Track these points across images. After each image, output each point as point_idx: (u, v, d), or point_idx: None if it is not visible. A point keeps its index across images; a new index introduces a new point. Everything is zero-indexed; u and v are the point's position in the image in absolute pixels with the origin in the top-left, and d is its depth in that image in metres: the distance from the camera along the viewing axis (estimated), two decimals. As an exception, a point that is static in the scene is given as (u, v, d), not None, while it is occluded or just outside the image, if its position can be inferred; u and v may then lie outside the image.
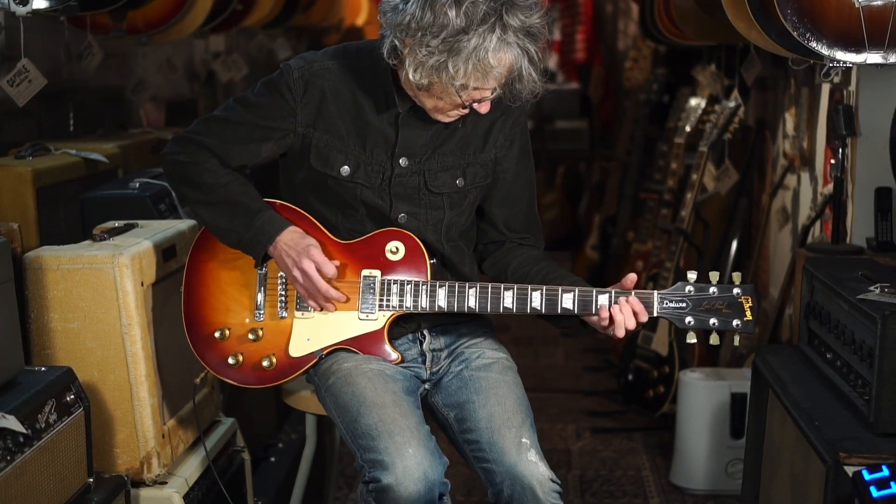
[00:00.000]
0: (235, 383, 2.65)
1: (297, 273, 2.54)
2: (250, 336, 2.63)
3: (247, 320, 2.64)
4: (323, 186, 2.61)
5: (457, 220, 2.67)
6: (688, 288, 2.52)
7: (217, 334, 2.64)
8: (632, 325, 2.49)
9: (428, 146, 2.60)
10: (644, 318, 2.50)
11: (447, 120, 2.53)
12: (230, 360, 2.63)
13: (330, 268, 2.53)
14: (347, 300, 2.59)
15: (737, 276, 2.53)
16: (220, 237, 2.61)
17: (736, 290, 2.51)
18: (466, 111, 2.50)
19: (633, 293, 2.50)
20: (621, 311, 2.48)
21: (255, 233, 2.55)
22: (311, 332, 2.61)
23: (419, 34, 2.36)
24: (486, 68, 2.36)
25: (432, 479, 2.37)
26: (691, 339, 2.54)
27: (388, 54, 2.45)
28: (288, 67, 2.59)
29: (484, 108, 2.49)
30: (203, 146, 2.58)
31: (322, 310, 2.59)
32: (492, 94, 2.45)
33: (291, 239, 2.55)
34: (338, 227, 2.63)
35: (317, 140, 2.58)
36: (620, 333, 2.50)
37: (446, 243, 2.66)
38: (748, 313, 2.50)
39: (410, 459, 2.36)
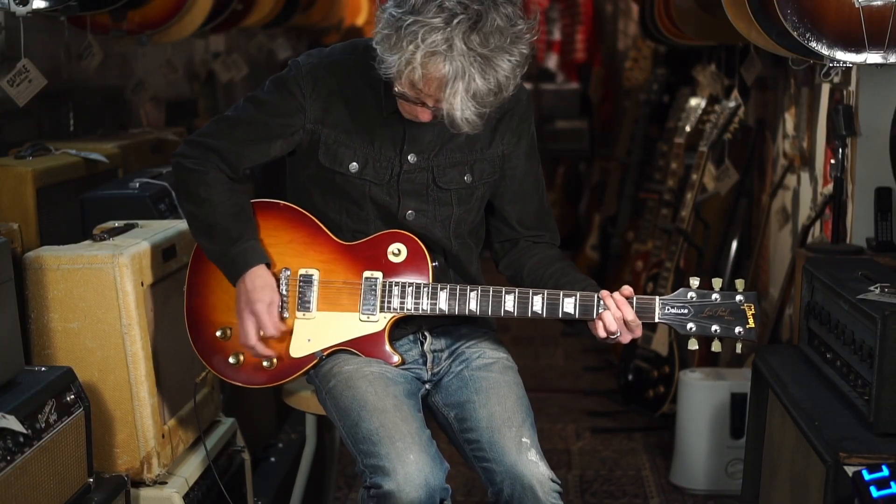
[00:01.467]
0: (236, 383, 2.65)
1: (240, 313, 2.55)
2: (251, 336, 2.63)
3: (248, 320, 2.64)
4: (331, 183, 2.61)
5: (465, 216, 2.66)
6: (690, 294, 2.50)
7: (219, 333, 2.64)
8: (618, 315, 2.48)
9: (435, 142, 2.60)
10: (631, 316, 2.48)
11: (407, 116, 2.50)
12: (231, 360, 2.62)
13: (269, 329, 2.53)
14: (270, 358, 2.59)
15: (740, 283, 2.51)
16: (201, 248, 2.62)
17: (739, 297, 2.49)
18: (424, 113, 2.43)
19: (627, 299, 2.49)
20: (610, 308, 2.49)
21: (227, 263, 2.56)
22: (311, 333, 2.61)
23: (389, 2, 2.35)
24: (411, 62, 2.29)
25: (433, 485, 2.37)
26: (693, 345, 2.52)
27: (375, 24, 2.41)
28: (297, 64, 2.59)
29: (423, 116, 2.44)
30: (213, 150, 2.58)
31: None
32: (417, 100, 2.38)
33: (252, 284, 2.53)
34: (341, 227, 2.63)
35: (325, 136, 2.59)
36: (612, 327, 2.49)
37: (454, 240, 2.66)
38: (751, 321, 2.48)
39: (412, 465, 2.36)
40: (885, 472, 2.19)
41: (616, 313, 2.48)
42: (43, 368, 2.44)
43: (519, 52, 2.33)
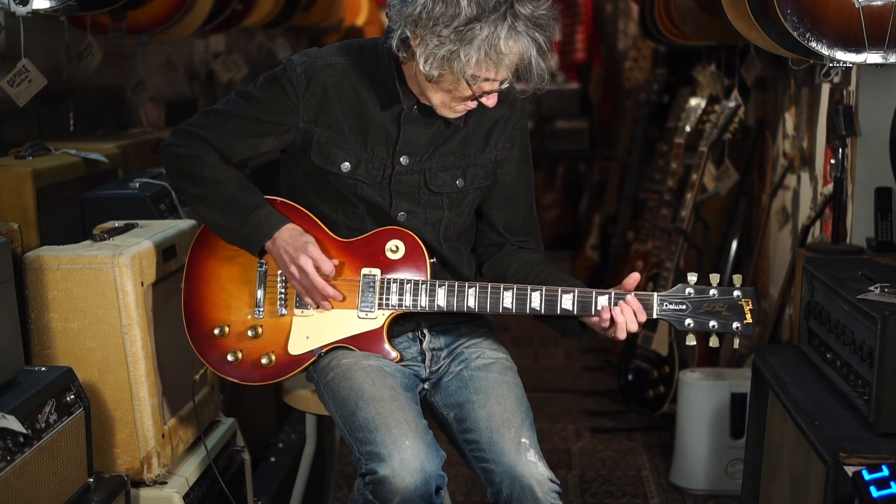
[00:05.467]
0: (234, 380, 2.65)
1: (293, 269, 2.54)
2: (250, 333, 2.63)
3: (247, 317, 2.64)
4: (324, 182, 2.62)
5: (455, 220, 2.67)
6: (688, 290, 2.52)
7: (217, 331, 2.64)
8: (633, 326, 2.49)
9: (429, 145, 2.60)
10: (643, 317, 2.50)
11: (453, 115, 2.53)
12: (229, 357, 2.63)
13: (328, 265, 2.54)
14: (344, 298, 2.59)
15: (737, 279, 2.53)
16: (216, 233, 2.62)
17: (736, 293, 2.51)
18: (474, 105, 2.50)
19: (632, 294, 2.50)
20: (622, 312, 2.49)
21: (251, 229, 2.56)
22: (310, 330, 2.61)
23: (430, 24, 2.37)
24: (498, 57, 2.37)
25: (429, 471, 2.37)
26: (691, 341, 2.54)
27: (398, 47, 2.45)
28: (291, 63, 2.59)
29: (491, 102, 2.49)
30: (203, 139, 2.59)
31: (319, 307, 2.60)
32: (500, 85, 2.45)
33: (290, 236, 2.55)
34: (337, 225, 2.64)
35: (318, 136, 2.59)
36: (622, 335, 2.50)
37: (444, 243, 2.67)
38: (748, 316, 2.50)
39: (407, 451, 2.36)
40: (885, 472, 2.19)
41: (630, 315, 2.48)
42: (43, 368, 2.44)
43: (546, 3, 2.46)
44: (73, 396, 2.43)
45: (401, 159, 2.59)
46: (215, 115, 2.62)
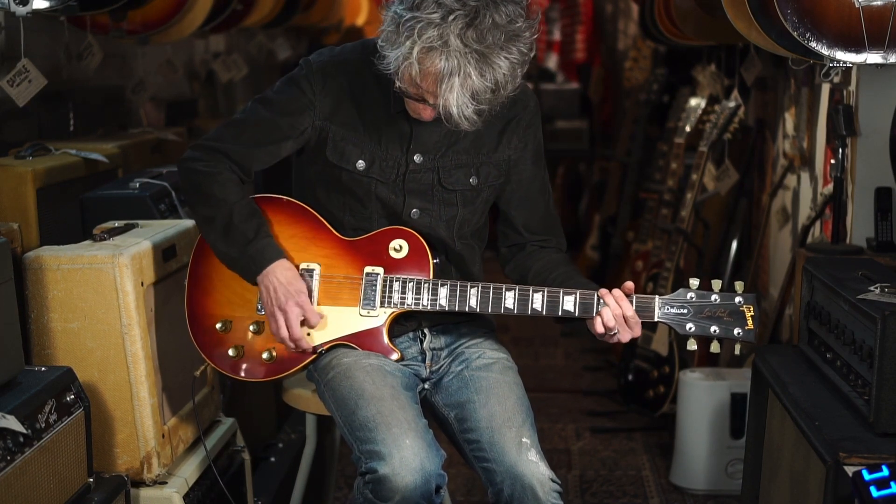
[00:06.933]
0: (234, 376, 2.65)
1: (277, 312, 2.54)
2: (252, 329, 2.64)
3: (249, 313, 2.65)
4: (336, 180, 2.62)
5: (469, 217, 2.67)
6: (689, 294, 2.51)
7: (219, 326, 2.64)
8: (618, 311, 2.47)
9: (442, 143, 2.60)
10: (630, 310, 2.48)
11: (412, 115, 2.51)
12: (231, 352, 2.63)
13: (315, 317, 2.55)
14: (314, 351, 2.59)
15: (739, 285, 2.52)
16: (218, 257, 2.63)
17: (738, 299, 2.50)
18: (426, 112, 2.46)
19: (634, 297, 2.50)
20: (611, 305, 2.48)
21: (246, 261, 2.56)
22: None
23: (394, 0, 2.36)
24: (408, 58, 2.31)
25: (429, 470, 2.37)
26: (692, 346, 2.53)
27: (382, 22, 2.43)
28: (307, 62, 2.61)
29: (425, 115, 2.46)
30: (221, 153, 2.59)
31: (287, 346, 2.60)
32: (418, 97, 2.40)
33: (285, 278, 2.54)
34: (343, 225, 2.64)
35: (333, 133, 2.59)
36: (611, 323, 2.49)
37: (458, 240, 2.67)
38: (750, 322, 2.50)
39: (407, 450, 2.37)
40: (885, 472, 2.19)
41: (615, 310, 2.48)
42: (43, 368, 2.44)
43: (518, 51, 2.34)
44: (73, 396, 2.43)
45: (414, 157, 2.60)
46: (233, 126, 2.63)
